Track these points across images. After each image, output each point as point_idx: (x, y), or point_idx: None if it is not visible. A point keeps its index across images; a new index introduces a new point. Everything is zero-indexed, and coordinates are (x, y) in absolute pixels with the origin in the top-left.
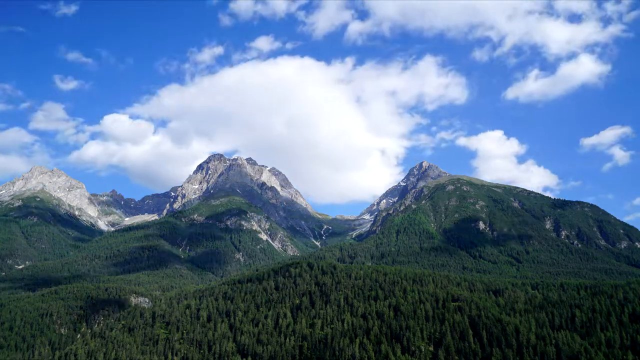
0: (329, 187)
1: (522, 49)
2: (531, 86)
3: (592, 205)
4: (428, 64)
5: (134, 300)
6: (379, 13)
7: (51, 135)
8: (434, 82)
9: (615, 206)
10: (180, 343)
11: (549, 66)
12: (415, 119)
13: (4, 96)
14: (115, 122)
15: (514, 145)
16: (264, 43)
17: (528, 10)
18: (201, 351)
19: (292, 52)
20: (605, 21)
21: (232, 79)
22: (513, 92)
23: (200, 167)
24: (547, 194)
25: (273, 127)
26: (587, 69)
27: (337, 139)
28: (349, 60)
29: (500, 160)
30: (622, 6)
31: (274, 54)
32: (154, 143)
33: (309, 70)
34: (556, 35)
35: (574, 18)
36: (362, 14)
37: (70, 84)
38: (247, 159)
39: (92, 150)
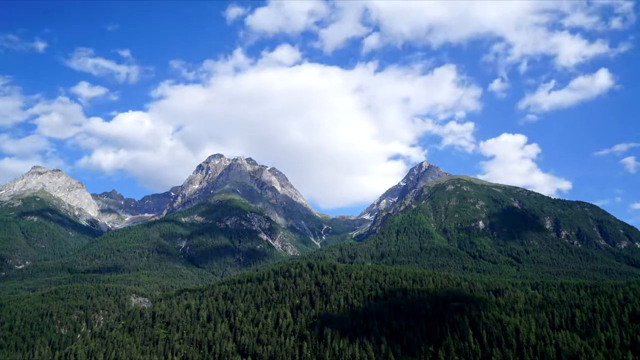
0: (340, 192)
1: (535, 62)
2: (544, 98)
3: (592, 205)
4: (443, 74)
5: (134, 300)
6: (391, 28)
7: (63, 141)
8: (448, 90)
9: (620, 210)
10: (180, 343)
11: (561, 79)
12: (428, 126)
13: (28, 105)
14: (130, 124)
15: (530, 153)
16: (282, 53)
17: (536, 22)
18: (201, 351)
19: (309, 61)
20: (613, 37)
21: (250, 86)
22: (527, 102)
23: (200, 167)
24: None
25: (287, 133)
26: (598, 84)
27: (350, 145)
28: (364, 69)
29: (514, 166)
30: (627, 24)
31: (291, 63)
32: (167, 147)
33: (325, 78)
34: (566, 49)
35: (584, 33)
36: (376, 29)
37: (89, 87)
38: (247, 159)
39: (104, 156)
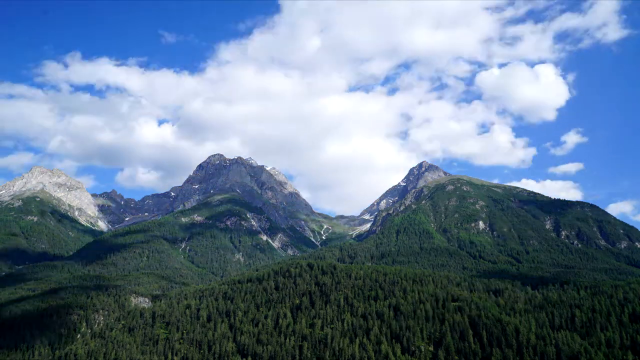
0: (357, 203)
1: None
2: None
3: (592, 205)
4: (480, 107)
5: (134, 300)
6: (422, 65)
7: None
8: (484, 113)
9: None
10: (180, 343)
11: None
12: (463, 148)
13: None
14: (174, 140)
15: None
16: (329, 79)
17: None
18: (201, 351)
19: (350, 90)
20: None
21: (304, 111)
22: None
23: (200, 167)
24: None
25: (322, 150)
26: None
27: (385, 164)
28: (404, 95)
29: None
30: None
31: (335, 90)
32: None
33: (363, 102)
34: None
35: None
36: (406, 66)
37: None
38: (247, 159)
39: (141, 173)
